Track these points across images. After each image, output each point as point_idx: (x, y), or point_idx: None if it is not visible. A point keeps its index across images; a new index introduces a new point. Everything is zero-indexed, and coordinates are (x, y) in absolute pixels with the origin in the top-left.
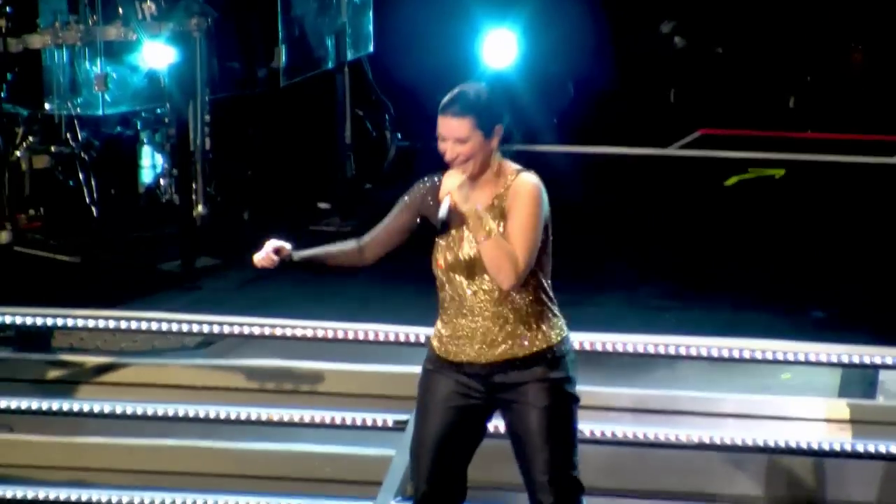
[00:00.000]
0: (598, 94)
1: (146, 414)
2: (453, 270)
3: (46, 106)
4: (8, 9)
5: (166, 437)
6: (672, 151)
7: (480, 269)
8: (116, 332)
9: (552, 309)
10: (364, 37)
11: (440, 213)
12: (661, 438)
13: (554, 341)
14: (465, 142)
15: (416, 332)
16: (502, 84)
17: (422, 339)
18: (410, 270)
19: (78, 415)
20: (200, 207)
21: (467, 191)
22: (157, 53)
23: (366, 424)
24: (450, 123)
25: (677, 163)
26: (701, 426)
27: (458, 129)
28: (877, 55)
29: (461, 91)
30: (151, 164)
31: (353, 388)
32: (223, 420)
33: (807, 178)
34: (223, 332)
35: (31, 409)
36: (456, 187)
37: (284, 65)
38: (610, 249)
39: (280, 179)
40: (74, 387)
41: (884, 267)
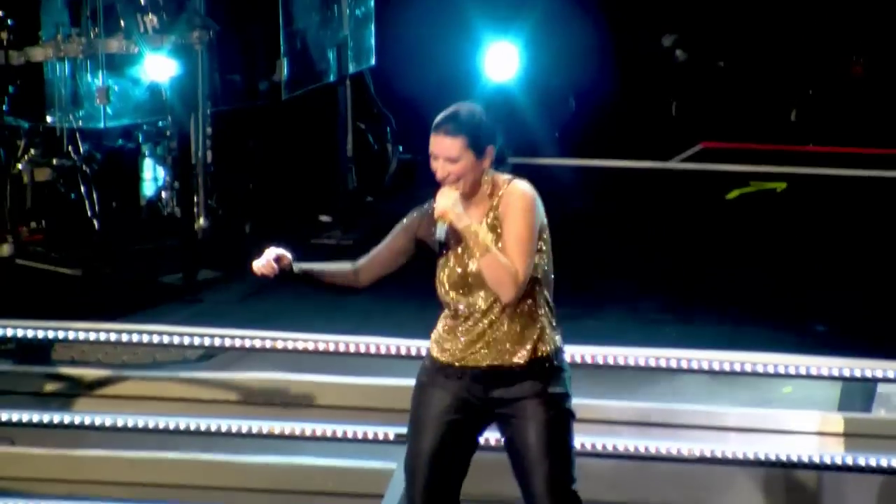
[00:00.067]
0: (600, 107)
1: (147, 427)
2: (455, 288)
3: (48, 118)
4: (10, 21)
5: (167, 450)
6: (673, 165)
7: (481, 283)
8: (117, 345)
9: (552, 321)
10: (366, 50)
11: (437, 235)
12: (663, 452)
13: (552, 352)
14: (456, 161)
15: (418, 346)
16: (499, 103)
17: (423, 353)
18: (412, 284)
19: (79, 427)
20: (202, 220)
21: (461, 209)
22: (159, 66)
23: (367, 438)
24: (442, 142)
25: (679, 176)
26: (702, 440)
27: (450, 148)
28: (878, 68)
29: (455, 110)
30: (153, 177)
31: (355, 402)
32: (224, 433)
33: (808, 191)
34: (224, 345)
35: (31, 421)
36: (451, 207)
37: (286, 78)
38: (611, 263)
39: (282, 192)
40: (75, 399)
41: (884, 280)
